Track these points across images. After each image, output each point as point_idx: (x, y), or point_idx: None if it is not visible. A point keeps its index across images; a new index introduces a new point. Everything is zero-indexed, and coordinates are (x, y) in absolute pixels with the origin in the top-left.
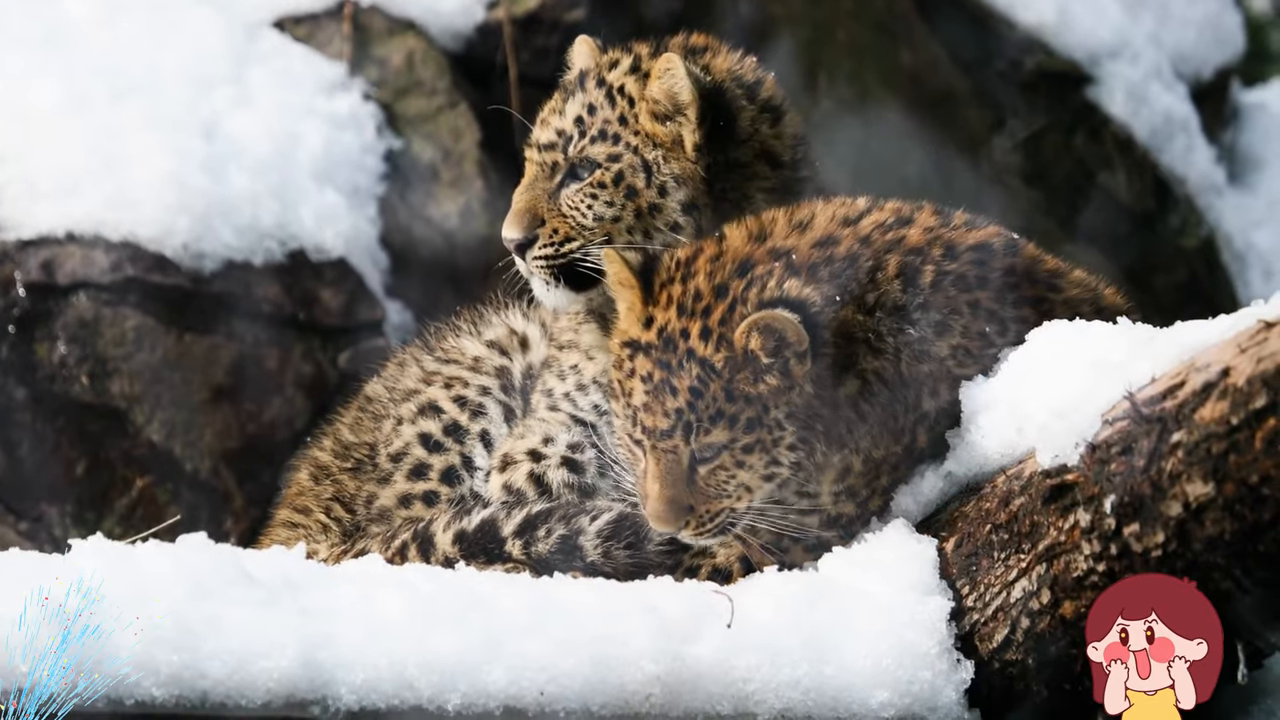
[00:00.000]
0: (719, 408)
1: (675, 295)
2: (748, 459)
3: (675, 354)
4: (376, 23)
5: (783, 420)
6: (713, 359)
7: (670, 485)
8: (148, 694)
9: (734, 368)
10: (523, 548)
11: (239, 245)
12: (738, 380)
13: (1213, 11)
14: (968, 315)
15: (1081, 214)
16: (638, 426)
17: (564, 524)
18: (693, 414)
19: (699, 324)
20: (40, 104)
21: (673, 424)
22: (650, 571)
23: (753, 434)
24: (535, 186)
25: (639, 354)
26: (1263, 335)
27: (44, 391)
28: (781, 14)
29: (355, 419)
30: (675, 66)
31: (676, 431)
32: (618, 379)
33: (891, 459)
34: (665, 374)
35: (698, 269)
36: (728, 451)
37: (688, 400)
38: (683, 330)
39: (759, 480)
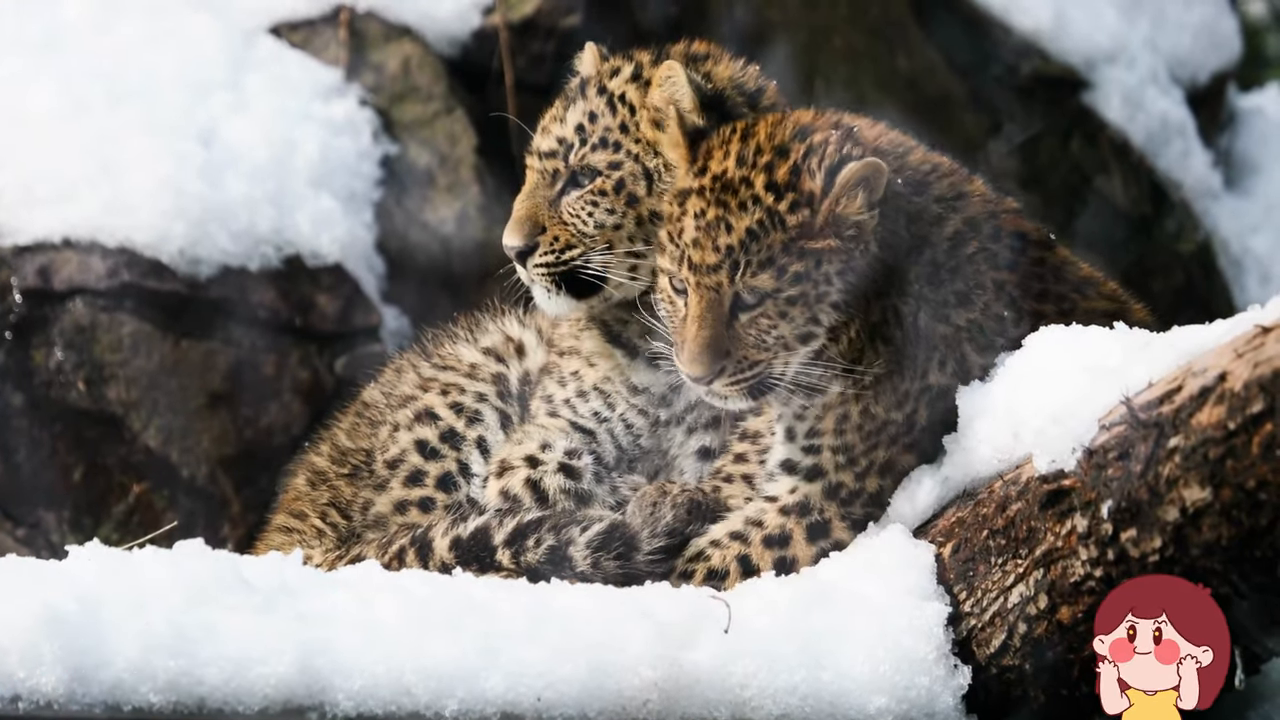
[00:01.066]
0: (772, 255)
1: (733, 149)
2: (791, 310)
3: (735, 196)
4: (373, 28)
5: (832, 276)
6: (778, 208)
7: (710, 325)
8: (145, 700)
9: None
10: (512, 557)
11: (235, 251)
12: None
13: (1209, 16)
14: (991, 294)
15: (1078, 219)
16: (684, 265)
17: (554, 534)
18: (744, 254)
19: (763, 178)
20: (37, 109)
21: (721, 259)
22: (640, 579)
23: (799, 287)
24: (536, 194)
25: (691, 196)
26: (1259, 340)
27: (40, 397)
28: (778, 19)
29: (352, 425)
30: (676, 74)
31: (724, 267)
32: (666, 231)
33: (890, 428)
34: (721, 211)
35: (757, 130)
36: (772, 300)
37: (741, 240)
38: (745, 179)
39: (797, 336)
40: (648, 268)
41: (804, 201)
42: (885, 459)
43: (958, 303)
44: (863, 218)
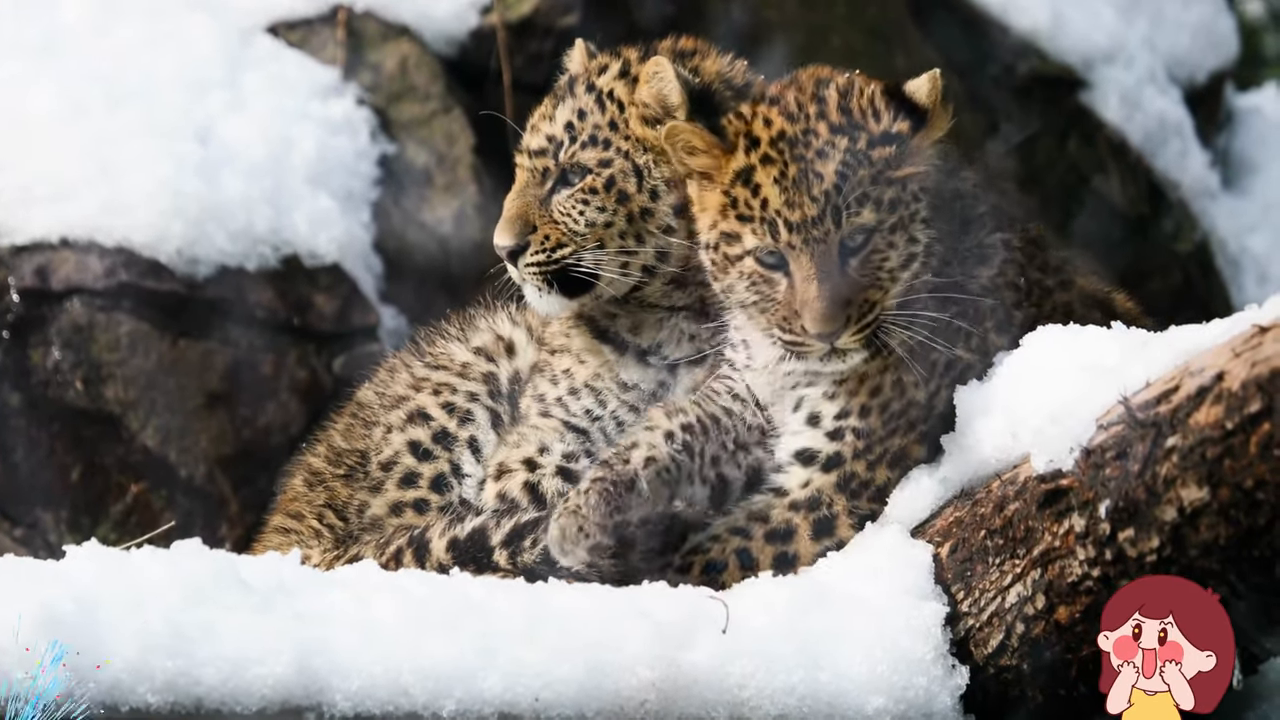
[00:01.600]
0: (864, 190)
1: (772, 115)
2: (893, 238)
3: (809, 148)
4: (370, 28)
5: (918, 193)
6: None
7: (829, 278)
8: (143, 700)
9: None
10: (509, 558)
11: (233, 250)
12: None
13: (1207, 16)
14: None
15: (1075, 219)
16: (780, 231)
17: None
18: (840, 197)
19: (824, 123)
20: (35, 110)
21: (821, 208)
22: (637, 576)
23: (895, 213)
24: (526, 193)
25: (756, 170)
26: (1257, 339)
27: (38, 397)
28: (775, 19)
29: (347, 425)
30: (664, 70)
31: (827, 216)
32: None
33: (913, 411)
34: (802, 166)
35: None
36: (878, 234)
37: (834, 184)
38: (806, 130)
39: (901, 262)
40: (638, 264)
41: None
42: (899, 448)
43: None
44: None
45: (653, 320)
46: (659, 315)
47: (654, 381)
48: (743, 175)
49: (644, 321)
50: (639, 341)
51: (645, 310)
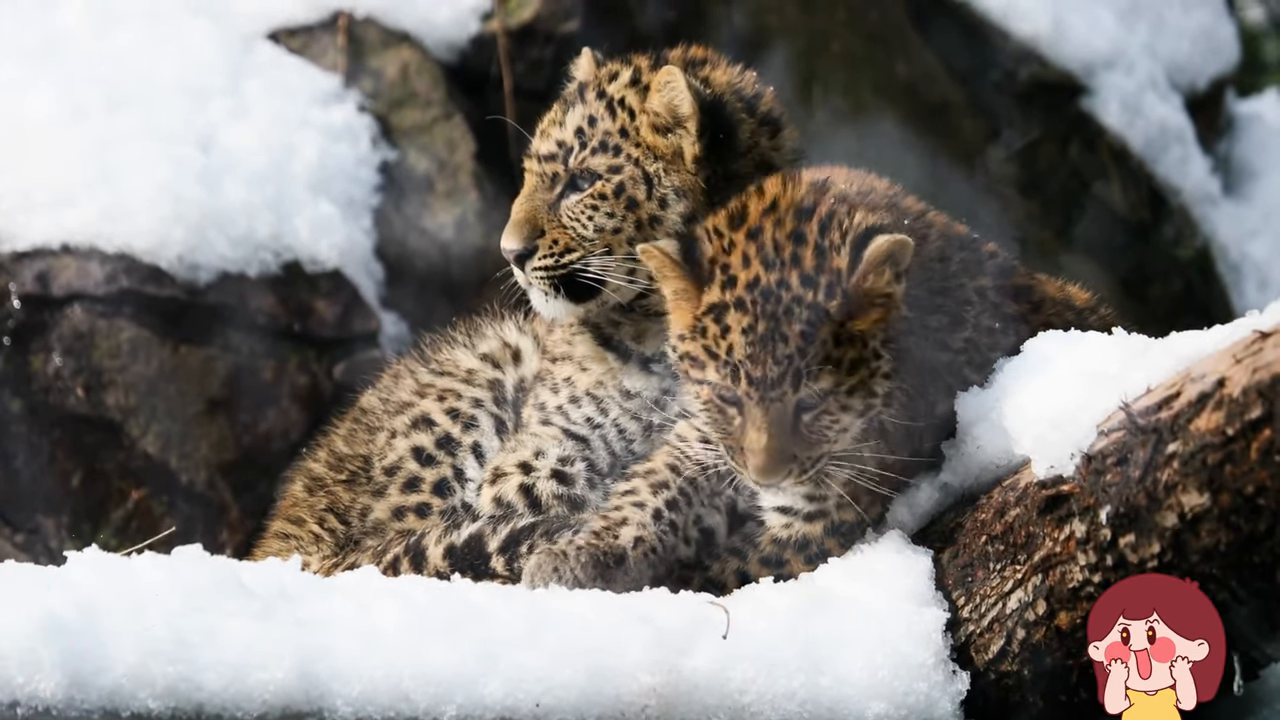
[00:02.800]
0: (828, 352)
1: (751, 253)
2: (850, 400)
3: (779, 304)
4: (371, 34)
5: (879, 349)
6: (824, 305)
7: (777, 435)
8: (144, 706)
9: (846, 311)
10: (506, 563)
11: (234, 257)
12: (849, 324)
13: (1207, 22)
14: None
15: (1077, 225)
16: (741, 381)
17: (546, 539)
18: (803, 360)
19: (796, 273)
20: (35, 115)
21: (783, 371)
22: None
23: (856, 375)
24: (535, 197)
25: (730, 311)
26: (1258, 345)
27: (39, 403)
28: (776, 25)
29: (350, 431)
30: (675, 79)
31: (786, 379)
32: (702, 346)
33: (898, 465)
34: (771, 324)
35: (759, 224)
36: (834, 396)
37: (799, 347)
38: (780, 281)
39: (856, 418)
40: (646, 272)
41: (837, 283)
42: (888, 491)
43: (952, 325)
44: (893, 290)
45: (657, 329)
46: (664, 324)
47: (657, 390)
48: (715, 311)
49: (648, 330)
50: (643, 350)
51: (650, 319)
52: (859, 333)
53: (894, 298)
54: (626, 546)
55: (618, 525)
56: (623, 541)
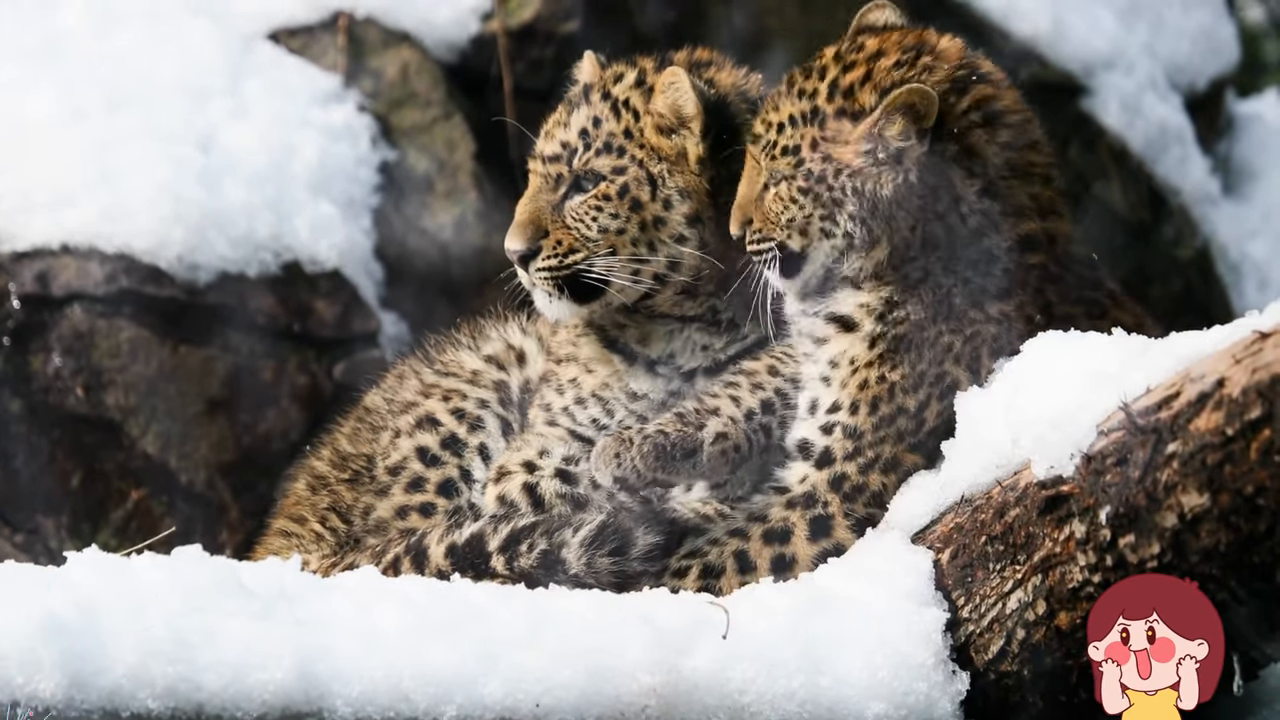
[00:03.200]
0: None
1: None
2: (802, 199)
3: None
4: (371, 34)
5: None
6: (823, 107)
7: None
8: (143, 706)
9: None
10: (506, 563)
11: (234, 257)
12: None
13: (1207, 22)
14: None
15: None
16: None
17: (546, 538)
18: (776, 133)
19: (825, 83)
20: (35, 115)
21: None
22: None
23: (810, 183)
24: (539, 198)
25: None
26: (1258, 346)
27: (39, 403)
28: (776, 25)
29: (353, 430)
30: (680, 80)
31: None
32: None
33: (900, 420)
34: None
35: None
36: (786, 182)
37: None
38: (811, 85)
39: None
40: (650, 272)
41: (851, 112)
42: (890, 455)
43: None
44: (905, 144)
45: (662, 331)
46: (669, 326)
47: (664, 391)
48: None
49: (652, 332)
50: (647, 352)
51: (654, 321)
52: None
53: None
54: (705, 440)
55: (706, 413)
56: (704, 435)
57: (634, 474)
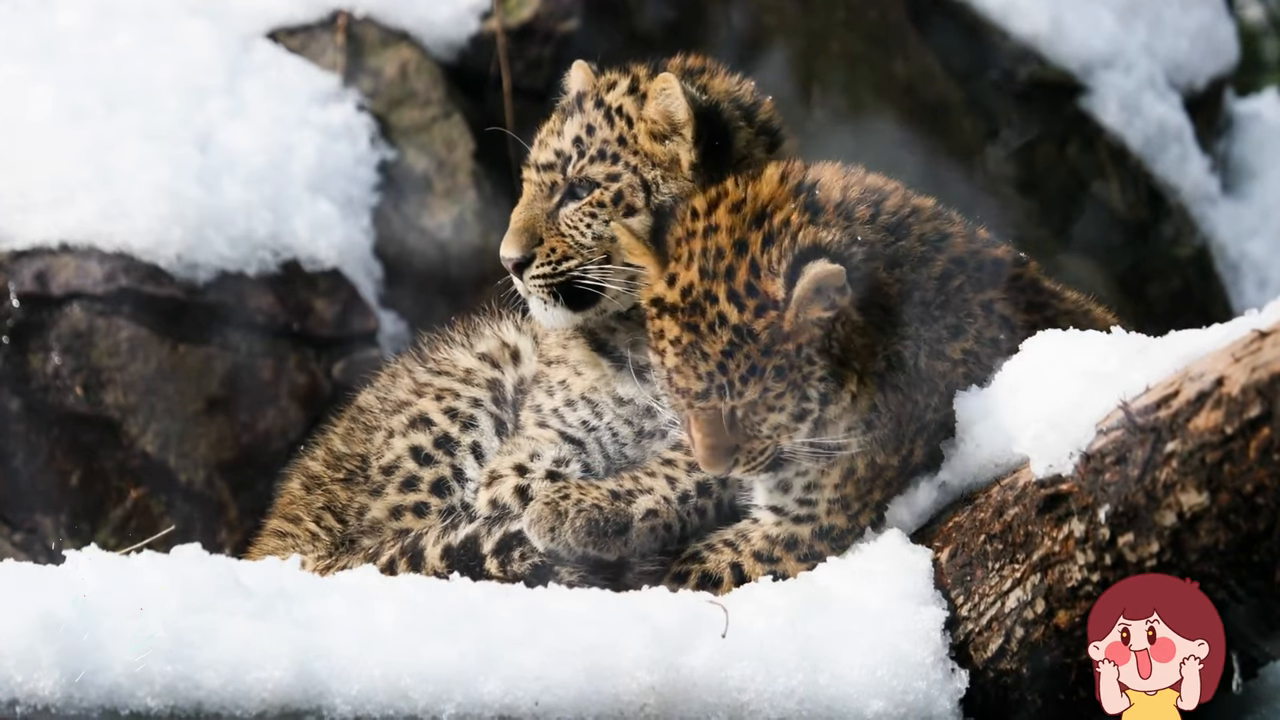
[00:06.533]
0: (752, 364)
1: (696, 252)
2: (780, 402)
3: (704, 318)
4: (370, 34)
5: (814, 356)
6: (748, 325)
7: (712, 435)
8: (143, 704)
9: (774, 334)
10: (500, 566)
11: (233, 256)
12: (777, 344)
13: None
14: (981, 321)
15: (1075, 224)
16: (673, 388)
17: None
18: (724, 377)
19: (725, 288)
20: (34, 115)
21: (707, 387)
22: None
23: (783, 381)
24: (533, 206)
25: (665, 314)
26: (1257, 344)
27: (38, 402)
28: (775, 24)
29: (348, 429)
30: (672, 86)
31: (711, 393)
32: (651, 334)
33: (888, 472)
34: (694, 338)
35: (719, 222)
36: (761, 402)
37: (719, 364)
38: (707, 293)
39: (792, 417)
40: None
41: (769, 305)
42: (881, 498)
43: (951, 336)
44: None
45: None
46: None
47: (651, 397)
48: (656, 307)
49: (643, 338)
50: (638, 358)
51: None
52: (789, 349)
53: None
54: (635, 517)
55: (639, 492)
56: (634, 511)
57: (565, 549)
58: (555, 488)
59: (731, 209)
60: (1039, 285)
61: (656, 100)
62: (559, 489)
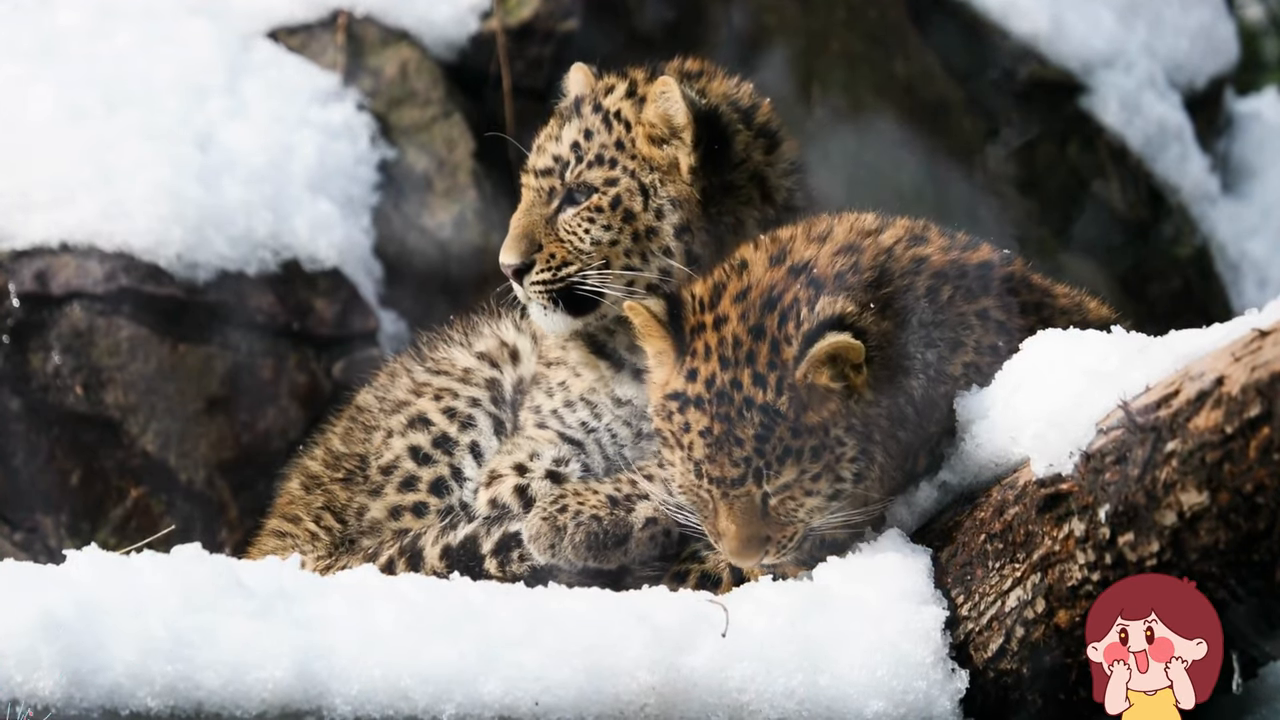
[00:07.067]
0: (786, 446)
1: (713, 344)
2: (815, 486)
3: (733, 405)
4: (370, 33)
5: (843, 436)
6: (775, 403)
7: (747, 524)
8: (143, 704)
9: (798, 405)
10: (499, 566)
11: (233, 255)
12: (803, 417)
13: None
14: (979, 331)
15: (1076, 223)
16: (704, 479)
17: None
18: (761, 460)
19: (748, 371)
20: (35, 114)
21: (743, 472)
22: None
23: (819, 462)
24: (532, 211)
25: (690, 408)
26: (1257, 344)
27: (38, 402)
28: (775, 24)
29: (346, 429)
30: (670, 90)
31: (748, 479)
32: (669, 430)
33: (894, 485)
34: (726, 426)
35: (727, 313)
36: (798, 484)
37: (755, 448)
38: (733, 381)
39: (825, 500)
40: (643, 283)
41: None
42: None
43: (951, 352)
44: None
45: None
46: None
47: (647, 399)
48: (679, 401)
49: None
50: (635, 360)
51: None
52: (817, 424)
53: (854, 387)
54: (635, 526)
55: (637, 497)
56: (634, 519)
57: (566, 562)
58: (552, 498)
59: (736, 299)
60: (1030, 283)
61: (656, 104)
62: (556, 500)
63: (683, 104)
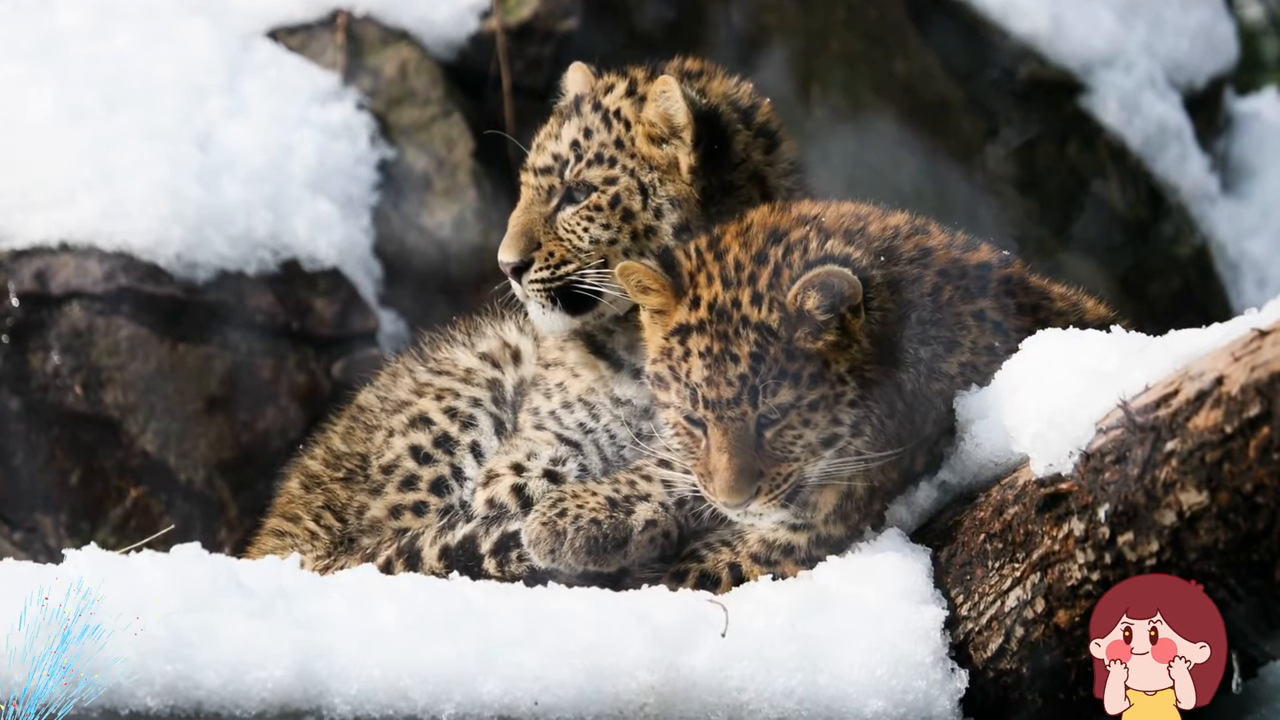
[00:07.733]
0: (781, 367)
1: (714, 271)
2: (813, 416)
3: (730, 323)
4: (370, 33)
5: (845, 375)
6: (768, 321)
7: (740, 453)
8: (142, 704)
9: (790, 327)
10: (498, 566)
11: (232, 255)
12: (796, 339)
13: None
14: (975, 331)
15: (1075, 223)
16: (699, 403)
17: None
18: (756, 377)
19: (748, 291)
20: (34, 114)
21: (738, 391)
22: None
23: (816, 390)
24: (531, 210)
25: (691, 334)
26: (1256, 344)
27: (38, 402)
28: (774, 23)
29: (347, 429)
30: (671, 89)
31: (743, 398)
32: (667, 366)
33: (889, 484)
34: (723, 344)
35: (728, 245)
36: (794, 410)
37: (750, 365)
38: (733, 300)
39: (822, 440)
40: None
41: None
42: (879, 508)
43: (948, 351)
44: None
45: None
46: None
47: (646, 399)
48: (680, 333)
49: (640, 340)
50: (634, 360)
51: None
52: (815, 351)
53: (850, 331)
54: (635, 528)
55: (636, 498)
56: (634, 521)
57: (566, 567)
58: (550, 501)
59: (739, 234)
60: (1028, 284)
61: (656, 103)
62: (555, 503)
63: (683, 103)
